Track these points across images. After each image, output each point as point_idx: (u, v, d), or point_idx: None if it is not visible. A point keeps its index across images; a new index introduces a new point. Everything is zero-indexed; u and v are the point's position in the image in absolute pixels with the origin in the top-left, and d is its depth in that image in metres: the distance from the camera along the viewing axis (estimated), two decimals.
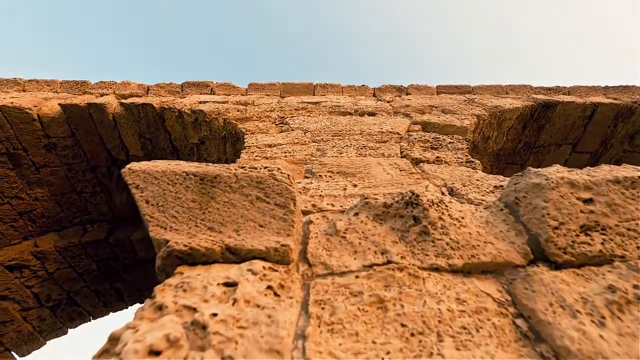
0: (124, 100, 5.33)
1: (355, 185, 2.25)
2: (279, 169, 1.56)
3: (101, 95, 5.71)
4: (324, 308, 1.19)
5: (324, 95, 5.91)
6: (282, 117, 4.39)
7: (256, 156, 3.02)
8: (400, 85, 5.92)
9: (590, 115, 5.09)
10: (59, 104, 5.17)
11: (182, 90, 6.00)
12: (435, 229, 1.49)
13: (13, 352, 5.91)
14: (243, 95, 5.90)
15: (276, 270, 1.29)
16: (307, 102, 5.17)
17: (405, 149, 3.09)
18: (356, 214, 1.67)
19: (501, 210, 1.64)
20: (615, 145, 5.31)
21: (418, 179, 2.40)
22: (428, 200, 1.56)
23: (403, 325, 1.15)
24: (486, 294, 1.31)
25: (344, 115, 4.56)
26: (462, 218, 1.55)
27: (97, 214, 6.32)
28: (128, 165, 1.56)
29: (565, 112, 5.06)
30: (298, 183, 2.33)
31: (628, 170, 1.60)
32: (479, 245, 1.46)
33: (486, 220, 1.59)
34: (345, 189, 2.20)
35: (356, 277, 1.33)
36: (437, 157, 2.84)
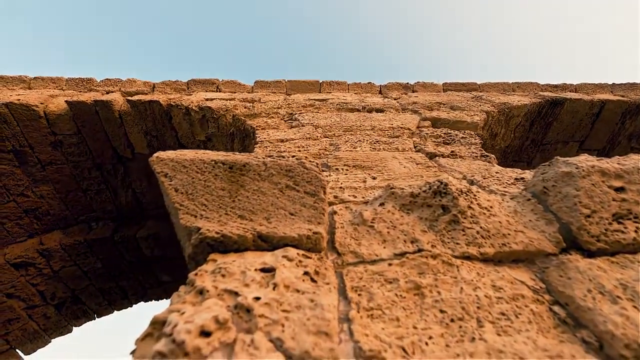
0: (130, 98, 5.31)
1: (374, 178, 2.24)
2: (306, 157, 1.55)
3: (107, 92, 5.69)
4: (360, 294, 1.18)
5: (330, 92, 5.91)
6: (291, 114, 4.38)
7: (270, 151, 3.01)
8: (407, 83, 5.91)
9: (597, 113, 5.10)
10: (65, 101, 5.15)
11: (188, 88, 5.98)
12: (465, 218, 1.49)
13: (18, 350, 5.89)
14: (249, 92, 5.89)
15: (310, 258, 1.28)
16: (314, 100, 5.16)
17: (419, 144, 3.09)
18: (382, 204, 1.66)
19: (528, 200, 1.63)
20: (622, 143, 5.31)
21: (436, 171, 2.39)
22: (457, 189, 1.55)
23: (442, 311, 1.14)
24: (520, 281, 1.30)
25: (352, 111, 4.56)
26: (491, 207, 1.54)
27: (102, 212, 6.30)
28: (155, 154, 1.55)
29: (572, 109, 5.07)
30: None
31: None
32: (509, 234, 1.45)
33: (514, 210, 1.58)
34: (365, 181, 2.19)
35: (389, 265, 1.32)
36: (452, 152, 2.84)
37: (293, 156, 1.54)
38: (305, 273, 1.17)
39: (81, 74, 6.26)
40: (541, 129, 5.22)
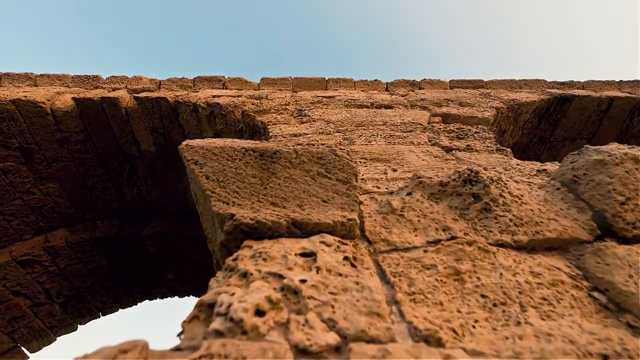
0: (137, 95, 5.30)
1: (395, 170, 2.23)
2: (336, 145, 1.55)
3: (113, 89, 5.67)
4: (400, 279, 1.17)
5: (337, 90, 5.90)
6: (300, 110, 4.37)
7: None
8: (413, 80, 5.91)
9: (605, 110, 5.10)
10: (72, 98, 5.13)
11: (194, 85, 5.97)
12: (497, 206, 1.48)
13: (23, 348, 5.86)
14: (256, 90, 5.88)
15: (346, 244, 1.27)
16: (322, 96, 5.16)
17: (433, 138, 3.08)
18: (409, 193, 1.66)
19: (558, 189, 1.63)
20: (630, 141, 5.31)
21: (455, 164, 2.39)
22: (488, 177, 1.54)
23: (483, 296, 1.13)
24: (556, 268, 1.29)
25: (361, 108, 4.55)
26: (522, 196, 1.53)
27: (108, 210, 6.28)
28: (184, 142, 1.54)
29: (580, 106, 5.07)
30: None
31: None
32: (542, 222, 1.44)
33: (544, 199, 1.58)
34: (385, 173, 2.18)
35: (424, 252, 1.31)
36: (468, 145, 2.83)
37: (322, 144, 1.53)
38: (345, 258, 1.16)
39: (85, 72, 6.22)
40: (549, 126, 5.22)
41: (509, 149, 2.77)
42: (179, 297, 7.40)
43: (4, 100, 4.79)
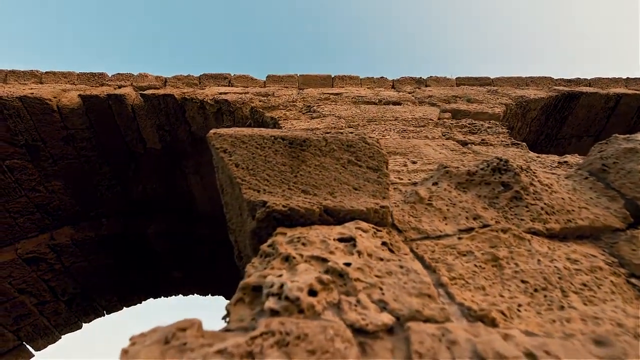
0: (143, 92, 5.28)
1: (414, 162, 2.23)
2: (365, 133, 1.54)
3: (119, 87, 5.65)
4: (438, 265, 1.16)
5: (343, 87, 5.90)
6: (309, 106, 4.36)
7: None
8: (420, 77, 5.91)
9: (613, 107, 5.10)
10: (78, 95, 5.11)
11: (200, 83, 5.96)
12: (527, 194, 1.47)
13: (29, 346, 5.84)
14: (262, 87, 5.87)
15: (380, 231, 1.26)
16: (329, 93, 5.15)
17: (446, 133, 3.08)
18: (435, 183, 1.65)
19: (585, 178, 1.62)
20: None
21: (474, 157, 2.38)
22: (518, 166, 1.53)
23: (523, 281, 1.12)
24: (592, 255, 1.28)
25: (369, 104, 4.54)
26: (552, 185, 1.53)
27: (113, 208, 6.25)
28: (212, 130, 1.53)
29: (588, 103, 5.07)
30: None
31: None
32: (573, 210, 1.44)
33: (573, 188, 1.57)
34: (405, 165, 2.17)
35: (459, 239, 1.30)
36: (482, 140, 2.83)
37: (351, 132, 1.52)
38: (383, 243, 1.15)
39: (89, 69, 6.20)
40: (556, 123, 5.22)
41: (524, 143, 2.76)
42: (184, 296, 7.39)
43: (10, 97, 4.78)
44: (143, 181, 6.18)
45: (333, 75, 6.04)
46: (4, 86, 5.34)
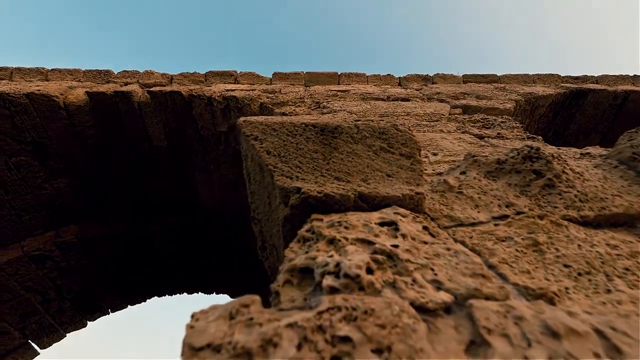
0: (150, 89, 5.26)
1: (435, 154, 2.22)
2: (396, 121, 1.53)
3: (125, 84, 5.63)
4: (480, 250, 1.15)
5: (349, 84, 5.89)
6: (318, 102, 4.36)
7: None
8: (426, 75, 5.91)
9: (620, 104, 5.10)
10: (85, 92, 5.09)
11: (206, 80, 5.94)
12: (560, 182, 1.46)
13: (34, 344, 5.81)
14: (268, 84, 5.86)
15: (418, 216, 1.25)
16: (336, 90, 5.15)
17: (461, 127, 3.07)
18: (463, 172, 1.64)
19: (615, 167, 1.62)
20: None
21: (494, 150, 2.37)
22: (549, 154, 1.53)
23: (566, 265, 1.11)
24: (629, 241, 1.28)
25: (378, 100, 4.54)
26: (583, 173, 1.52)
27: (119, 206, 6.23)
28: (241, 118, 1.52)
29: (596, 100, 5.07)
30: None
31: None
32: (607, 198, 1.43)
33: (603, 177, 1.56)
34: (427, 157, 2.17)
35: (495, 226, 1.29)
36: (498, 134, 2.82)
37: (381, 120, 1.51)
38: (424, 228, 1.14)
39: (93, 66, 6.18)
40: (564, 120, 5.22)
41: (540, 137, 2.75)
42: (188, 294, 7.37)
43: (17, 94, 4.76)
44: (149, 179, 6.16)
45: (339, 73, 6.04)
46: (9, 83, 5.32)
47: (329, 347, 0.62)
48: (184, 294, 7.38)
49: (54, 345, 6.13)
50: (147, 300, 7.18)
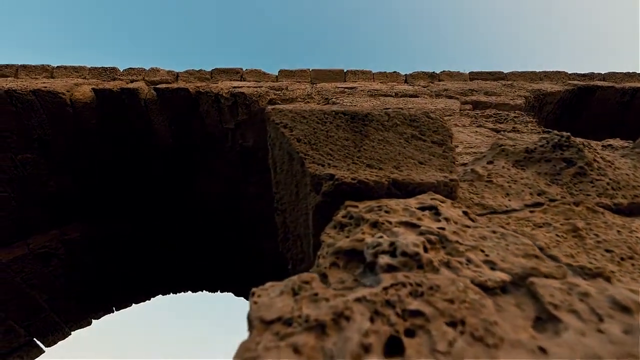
0: (156, 86, 5.25)
1: (456, 146, 2.21)
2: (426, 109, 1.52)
3: (131, 81, 5.62)
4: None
5: (355, 81, 5.88)
6: (326, 99, 4.35)
7: None
8: (432, 72, 5.90)
9: (628, 101, 5.10)
10: (92, 89, 5.08)
11: (212, 77, 5.93)
12: (592, 170, 1.45)
13: (39, 342, 5.79)
14: (274, 81, 5.85)
15: (454, 202, 1.24)
16: (343, 87, 5.14)
17: (475, 122, 3.06)
18: (490, 162, 1.63)
19: None
20: None
21: (514, 142, 2.37)
22: (580, 142, 1.52)
23: (608, 250, 1.10)
24: None
25: (387, 97, 4.53)
26: (613, 161, 1.51)
27: (124, 204, 6.21)
28: (270, 106, 1.51)
29: (603, 98, 5.07)
30: None
31: None
32: (639, 186, 1.42)
33: (633, 165, 1.55)
34: None
35: (531, 212, 1.28)
36: (514, 128, 2.82)
37: (411, 107, 1.50)
38: (464, 212, 1.13)
39: (97, 64, 6.17)
40: (571, 117, 5.22)
41: (555, 131, 2.74)
42: (193, 292, 7.35)
43: (24, 91, 4.74)
44: (154, 176, 6.14)
45: (345, 70, 6.03)
46: (15, 80, 5.30)
47: (401, 321, 0.61)
48: (189, 292, 7.36)
49: (59, 343, 6.10)
50: (152, 298, 7.17)
